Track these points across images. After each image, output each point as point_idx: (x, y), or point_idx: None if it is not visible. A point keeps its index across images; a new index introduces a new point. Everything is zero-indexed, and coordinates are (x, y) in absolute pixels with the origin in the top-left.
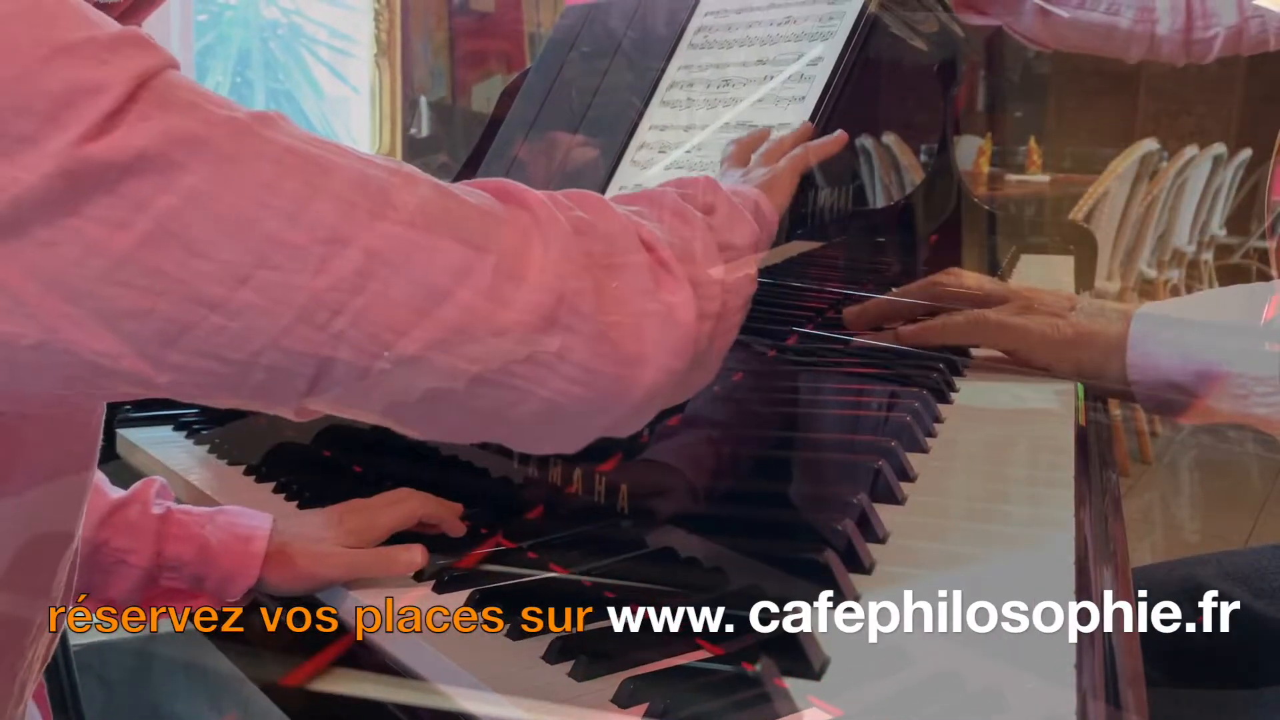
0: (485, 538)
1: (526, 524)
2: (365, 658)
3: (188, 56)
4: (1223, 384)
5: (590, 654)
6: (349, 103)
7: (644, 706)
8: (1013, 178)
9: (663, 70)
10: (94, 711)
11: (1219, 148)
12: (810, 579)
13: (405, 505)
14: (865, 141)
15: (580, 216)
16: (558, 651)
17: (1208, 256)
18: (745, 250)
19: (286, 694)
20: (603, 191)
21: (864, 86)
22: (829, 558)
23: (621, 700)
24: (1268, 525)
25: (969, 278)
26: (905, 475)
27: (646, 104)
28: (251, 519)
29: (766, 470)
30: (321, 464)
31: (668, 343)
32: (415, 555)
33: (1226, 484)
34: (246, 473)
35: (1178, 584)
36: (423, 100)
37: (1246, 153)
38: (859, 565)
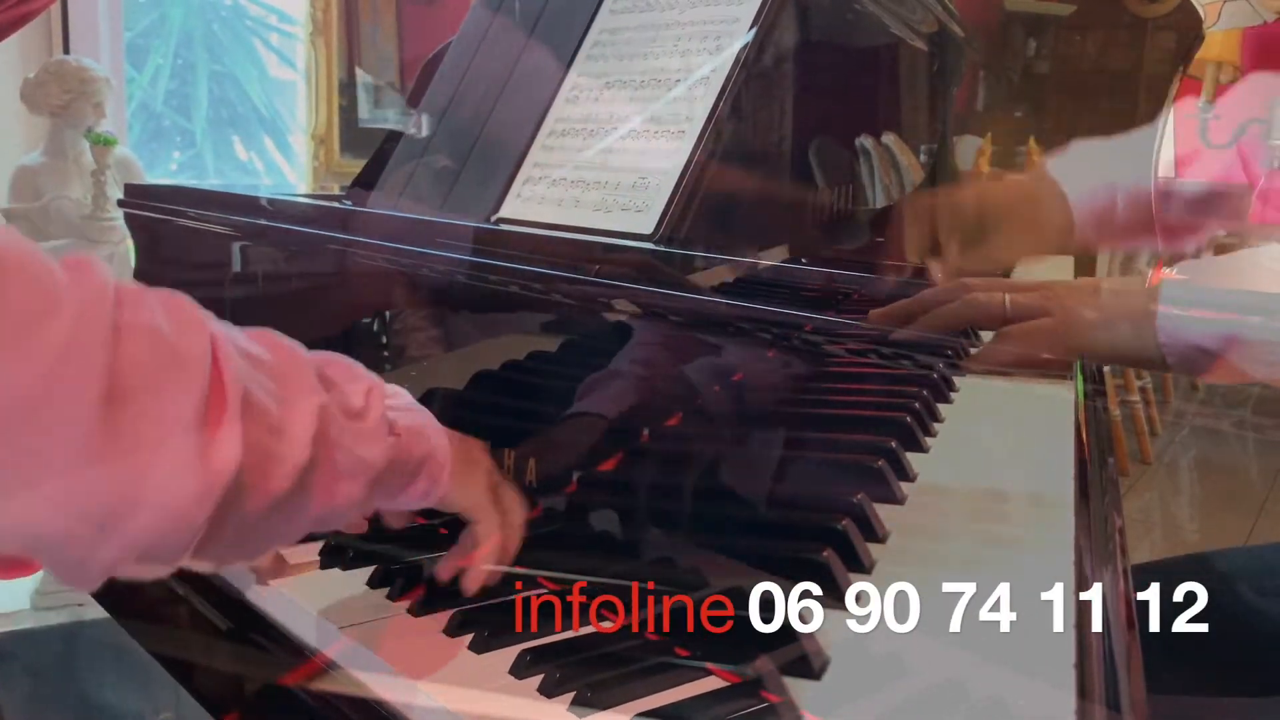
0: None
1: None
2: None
3: (117, 44)
4: (1253, 350)
5: (567, 664)
6: (296, 86)
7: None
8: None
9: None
10: (21, 699)
11: None
12: (810, 578)
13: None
14: (866, 142)
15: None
16: (527, 665)
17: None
18: (365, 467)
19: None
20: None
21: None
22: (829, 557)
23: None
24: (1267, 525)
25: (993, 288)
26: (905, 475)
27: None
28: None
29: (767, 469)
30: None
31: (181, 484)
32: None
33: (1226, 484)
34: None
35: (1177, 583)
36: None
37: None
38: (858, 565)
